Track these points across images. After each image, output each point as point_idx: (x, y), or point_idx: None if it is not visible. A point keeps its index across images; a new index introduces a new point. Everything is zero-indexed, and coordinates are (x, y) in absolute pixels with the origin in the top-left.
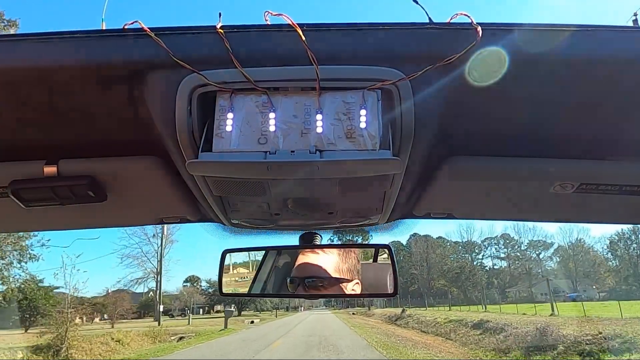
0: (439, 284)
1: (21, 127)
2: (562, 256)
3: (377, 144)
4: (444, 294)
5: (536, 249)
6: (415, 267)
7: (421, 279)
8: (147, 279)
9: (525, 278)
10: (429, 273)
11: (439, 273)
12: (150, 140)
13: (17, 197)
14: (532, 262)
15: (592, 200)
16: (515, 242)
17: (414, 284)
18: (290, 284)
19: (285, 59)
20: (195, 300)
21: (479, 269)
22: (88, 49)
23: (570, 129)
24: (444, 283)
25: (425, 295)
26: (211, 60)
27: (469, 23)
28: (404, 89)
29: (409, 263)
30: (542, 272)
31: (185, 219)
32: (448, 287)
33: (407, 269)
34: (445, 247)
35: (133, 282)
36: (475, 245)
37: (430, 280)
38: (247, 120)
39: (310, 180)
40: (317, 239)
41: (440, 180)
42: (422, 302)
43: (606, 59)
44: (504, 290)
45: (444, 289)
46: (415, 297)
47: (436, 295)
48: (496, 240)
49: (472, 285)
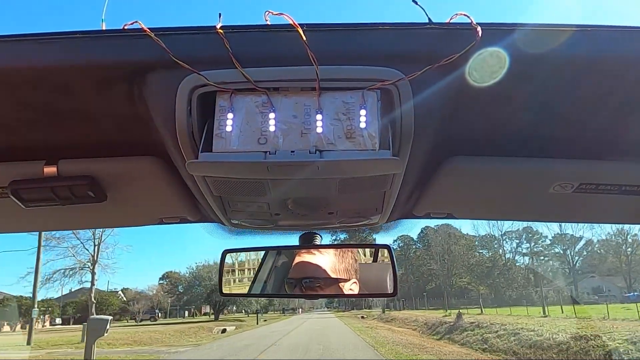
0: (462, 281)
1: (21, 127)
2: (612, 250)
3: (377, 144)
4: (465, 293)
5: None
6: (435, 261)
7: (441, 275)
8: (80, 271)
9: (564, 275)
10: (450, 268)
11: (464, 268)
12: (150, 141)
13: (17, 197)
14: (575, 256)
15: (592, 200)
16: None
17: (432, 282)
18: (287, 284)
19: (285, 59)
20: (162, 300)
21: (512, 264)
22: (88, 49)
23: (570, 129)
24: (468, 280)
25: (447, 295)
26: (211, 60)
27: (468, 23)
28: (404, 89)
29: (423, 259)
30: (586, 268)
31: (185, 219)
32: (475, 285)
33: (419, 265)
34: (468, 239)
35: (58, 273)
36: (511, 234)
37: (451, 277)
38: (247, 121)
39: (310, 181)
40: (317, 239)
41: (440, 180)
42: (440, 302)
43: (606, 59)
44: (535, 289)
45: (469, 287)
46: (433, 297)
47: (458, 295)
48: (532, 233)
49: (506, 282)
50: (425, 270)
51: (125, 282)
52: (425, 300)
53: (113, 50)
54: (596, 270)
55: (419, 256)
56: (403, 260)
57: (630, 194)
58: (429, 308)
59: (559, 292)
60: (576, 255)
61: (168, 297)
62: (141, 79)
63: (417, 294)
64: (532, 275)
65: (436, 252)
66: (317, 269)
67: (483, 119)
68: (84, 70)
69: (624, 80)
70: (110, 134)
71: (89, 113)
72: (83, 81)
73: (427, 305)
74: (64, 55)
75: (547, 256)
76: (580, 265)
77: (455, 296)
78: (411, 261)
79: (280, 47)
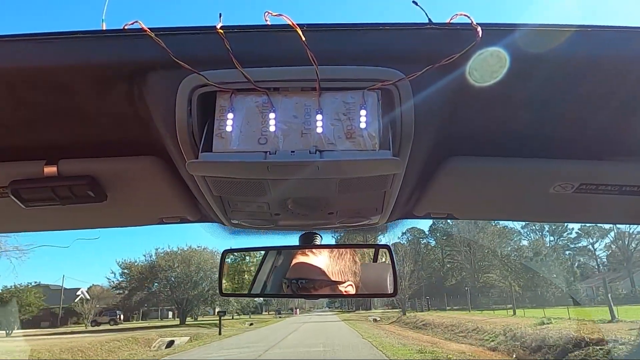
0: (490, 277)
1: (21, 127)
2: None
3: (377, 144)
4: (490, 290)
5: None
6: (459, 252)
7: (466, 269)
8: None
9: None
10: (474, 262)
11: (497, 261)
12: (150, 140)
13: (17, 197)
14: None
15: (592, 200)
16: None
17: (452, 277)
18: (284, 284)
19: (285, 59)
20: (97, 302)
21: (559, 252)
22: (88, 49)
23: (570, 129)
24: (494, 277)
25: (470, 293)
26: (211, 60)
27: (469, 23)
28: (404, 89)
29: (433, 254)
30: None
31: (185, 219)
32: (509, 282)
33: (431, 261)
34: (498, 225)
35: None
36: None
37: (477, 272)
38: (247, 121)
39: (310, 181)
40: (317, 239)
41: (440, 180)
42: (464, 301)
43: (606, 59)
44: (581, 285)
45: (498, 284)
46: (455, 296)
47: (482, 292)
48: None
49: (549, 276)
50: (448, 264)
51: (96, 279)
52: (445, 300)
53: (113, 50)
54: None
55: (430, 253)
56: (422, 251)
57: (631, 194)
58: (454, 308)
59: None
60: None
61: (116, 294)
62: (141, 79)
63: (431, 292)
64: (577, 269)
65: (459, 240)
66: (313, 270)
67: (483, 119)
68: (84, 70)
69: (624, 80)
70: (110, 133)
71: (89, 113)
72: (83, 81)
73: (450, 305)
74: (64, 55)
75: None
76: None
77: (480, 294)
78: (422, 256)
79: (281, 47)
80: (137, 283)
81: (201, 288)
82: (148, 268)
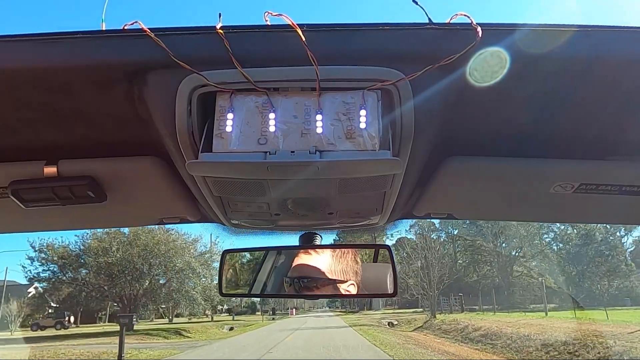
0: (523, 271)
1: (21, 127)
2: None
3: (377, 144)
4: (523, 288)
5: None
6: (486, 240)
7: (495, 262)
8: None
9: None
10: (505, 253)
11: (536, 250)
12: (150, 141)
13: (17, 198)
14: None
15: (592, 200)
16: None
17: (474, 272)
18: (285, 284)
19: (285, 60)
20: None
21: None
22: (88, 50)
23: (570, 129)
24: (524, 271)
25: (502, 292)
26: (211, 60)
27: (469, 23)
28: (404, 89)
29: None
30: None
31: (185, 219)
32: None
33: (440, 256)
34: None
35: None
36: None
37: (510, 266)
38: (247, 121)
39: (310, 181)
40: (316, 239)
41: (440, 180)
42: (490, 300)
43: (606, 59)
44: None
45: (531, 280)
46: (485, 294)
47: (513, 291)
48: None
49: (608, 272)
50: (469, 255)
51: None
52: (480, 298)
53: (113, 50)
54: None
55: (445, 245)
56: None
57: (631, 194)
58: (483, 308)
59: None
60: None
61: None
62: (141, 79)
63: (462, 288)
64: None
65: (484, 225)
66: (314, 269)
67: (483, 119)
68: (84, 70)
69: (624, 80)
70: (110, 134)
71: (89, 113)
72: (83, 81)
73: (481, 304)
74: (64, 56)
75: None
76: None
77: (511, 292)
78: (435, 251)
79: (281, 47)
80: (61, 273)
81: (154, 281)
82: (75, 254)
